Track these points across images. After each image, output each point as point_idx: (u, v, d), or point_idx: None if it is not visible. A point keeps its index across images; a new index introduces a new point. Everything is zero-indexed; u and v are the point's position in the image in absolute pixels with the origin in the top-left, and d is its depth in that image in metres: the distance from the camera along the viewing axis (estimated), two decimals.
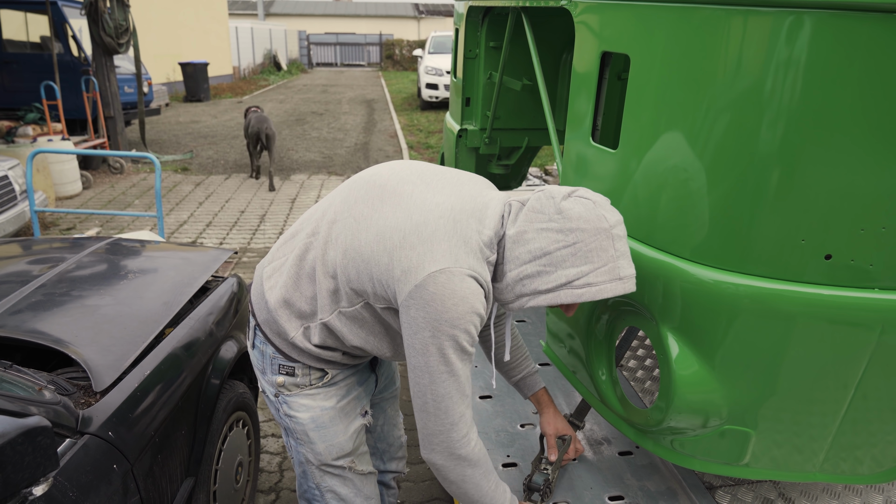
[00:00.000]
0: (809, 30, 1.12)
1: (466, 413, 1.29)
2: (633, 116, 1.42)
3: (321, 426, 1.47)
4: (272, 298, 1.42)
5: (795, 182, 1.20)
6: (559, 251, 1.20)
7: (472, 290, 1.19)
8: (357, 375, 1.56)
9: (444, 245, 1.21)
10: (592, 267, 1.19)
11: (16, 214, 5.05)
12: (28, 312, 1.80)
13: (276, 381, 1.47)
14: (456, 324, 1.19)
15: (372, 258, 1.26)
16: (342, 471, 1.54)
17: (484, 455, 1.36)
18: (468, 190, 1.34)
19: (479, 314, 1.21)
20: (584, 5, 1.57)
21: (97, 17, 7.54)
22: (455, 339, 1.20)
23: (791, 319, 1.30)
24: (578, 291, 1.19)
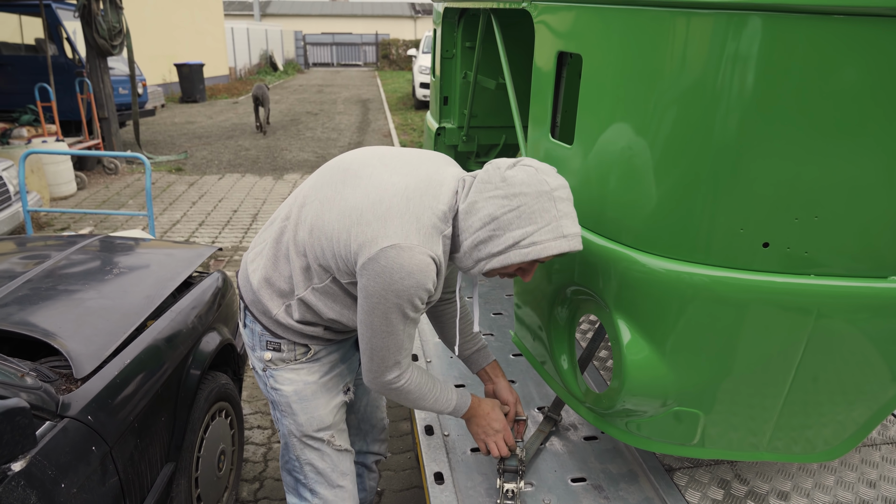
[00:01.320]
0: (746, 30, 1.19)
1: (402, 361, 1.44)
2: (586, 114, 1.50)
3: (303, 398, 1.58)
4: (255, 280, 1.55)
5: (732, 174, 1.27)
6: (505, 215, 1.29)
7: (419, 265, 1.30)
8: (340, 353, 1.67)
9: (396, 222, 1.31)
10: (536, 227, 1.29)
11: (10, 215, 5.12)
12: (14, 305, 1.87)
13: (264, 356, 1.58)
14: (401, 295, 1.31)
15: (334, 235, 1.37)
16: (321, 444, 1.64)
17: (417, 385, 1.50)
18: (425, 169, 1.44)
19: (426, 288, 1.32)
20: (542, 7, 1.64)
21: (90, 19, 7.61)
22: (399, 308, 1.33)
23: (733, 305, 1.37)
24: (525, 251, 1.29)
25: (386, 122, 12.96)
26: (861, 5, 1.11)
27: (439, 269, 1.36)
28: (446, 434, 1.96)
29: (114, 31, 7.90)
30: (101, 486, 1.47)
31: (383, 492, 2.59)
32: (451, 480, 1.76)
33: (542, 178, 1.31)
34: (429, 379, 1.55)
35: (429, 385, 1.54)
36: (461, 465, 1.83)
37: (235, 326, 2.64)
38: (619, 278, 1.47)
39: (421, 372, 1.54)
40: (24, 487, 1.24)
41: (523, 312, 1.93)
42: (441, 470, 1.80)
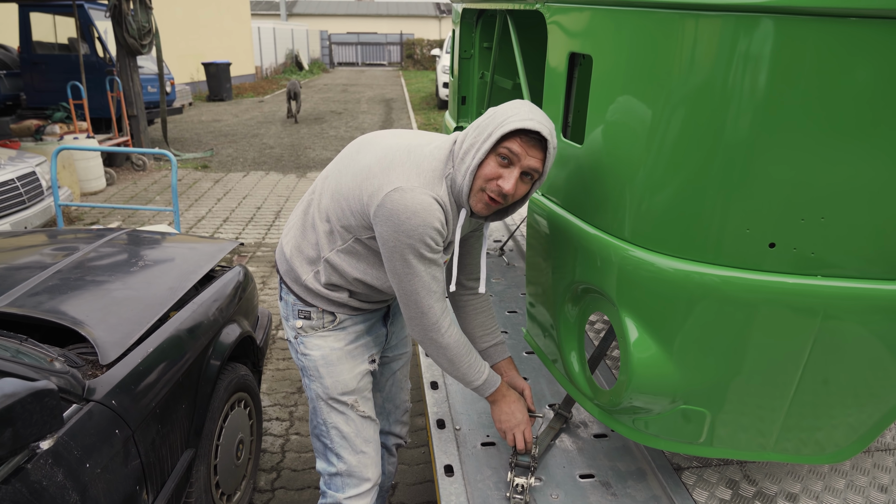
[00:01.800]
0: (756, 32, 1.21)
1: (435, 305, 1.52)
2: (596, 114, 1.52)
3: (329, 363, 1.70)
4: (287, 250, 1.70)
5: (738, 174, 1.29)
6: (484, 119, 1.46)
7: (421, 203, 1.41)
8: (366, 325, 1.78)
9: (398, 170, 1.45)
10: (507, 116, 1.41)
11: (43, 209, 5.28)
12: (45, 294, 1.95)
13: (296, 325, 1.72)
14: (411, 234, 1.42)
15: (350, 194, 1.51)
16: (346, 408, 1.74)
17: (456, 340, 1.58)
18: (432, 135, 1.60)
19: (433, 226, 1.43)
20: (554, 8, 1.67)
21: (121, 18, 7.79)
22: (413, 248, 1.43)
23: (740, 305, 1.38)
24: (496, 133, 1.40)
25: (409, 122, 13.04)
26: (871, 7, 1.12)
27: (444, 208, 1.47)
28: (458, 428, 1.99)
29: (143, 30, 8.08)
30: (123, 467, 1.53)
31: (397, 485, 2.64)
32: (460, 473, 1.80)
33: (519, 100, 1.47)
34: (467, 342, 1.63)
35: (466, 348, 1.62)
36: (471, 459, 1.87)
37: (255, 319, 2.71)
38: (627, 277, 1.49)
39: (461, 333, 1.62)
40: (52, 465, 1.31)
41: (535, 310, 1.96)
42: (451, 462, 1.83)
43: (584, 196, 1.60)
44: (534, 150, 1.43)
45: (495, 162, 1.43)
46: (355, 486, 1.77)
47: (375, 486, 1.81)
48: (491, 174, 1.44)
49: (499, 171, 1.44)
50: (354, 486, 1.77)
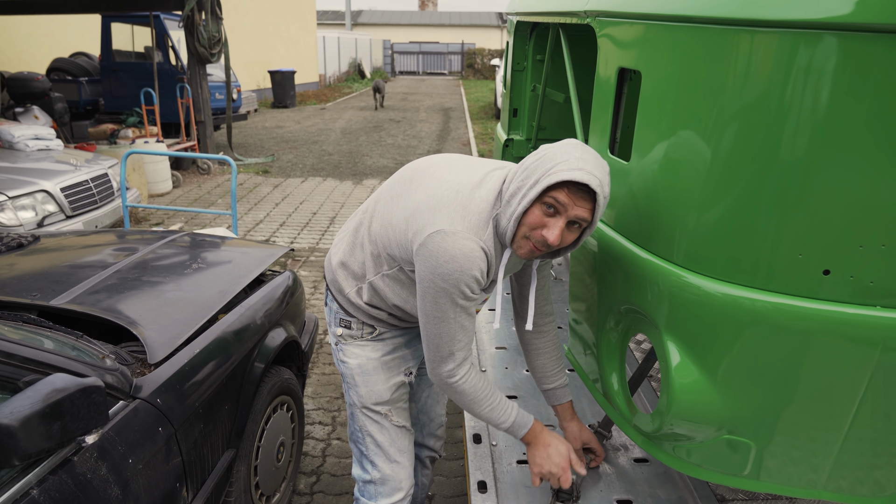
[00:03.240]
0: (815, 49, 1.16)
1: (456, 353, 1.50)
2: (644, 130, 1.48)
3: (365, 372, 1.73)
4: (334, 262, 1.74)
5: (791, 197, 1.23)
6: (533, 162, 1.40)
7: (462, 249, 1.39)
8: (405, 338, 1.79)
9: (444, 211, 1.43)
10: (556, 163, 1.35)
11: (113, 209, 5.56)
12: (103, 293, 2.04)
13: (336, 332, 1.76)
14: (447, 279, 1.39)
15: (398, 227, 1.51)
16: (380, 417, 1.76)
17: (472, 386, 1.54)
18: (486, 168, 1.55)
19: (471, 274, 1.40)
20: (604, 23, 1.64)
21: (193, 28, 8.14)
22: (447, 293, 1.41)
23: (790, 334, 1.32)
24: (543, 181, 1.34)
25: (466, 131, 13.09)
26: None
27: (488, 254, 1.44)
28: (494, 444, 1.97)
29: (213, 39, 8.41)
30: (165, 464, 1.58)
31: (434, 496, 2.63)
32: (493, 490, 1.77)
33: (576, 142, 1.42)
34: (488, 385, 1.59)
35: (487, 391, 1.58)
36: (506, 476, 1.84)
37: (302, 324, 2.76)
38: (671, 299, 1.44)
39: (481, 377, 1.59)
40: (97, 459, 1.36)
41: (577, 327, 1.92)
42: (485, 479, 1.81)
43: (629, 214, 1.56)
44: (582, 200, 1.36)
45: (540, 210, 1.37)
46: (388, 495, 1.78)
47: (408, 496, 1.81)
48: (535, 223, 1.38)
49: (544, 220, 1.38)
50: (387, 495, 1.78)
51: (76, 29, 11.96)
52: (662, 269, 1.45)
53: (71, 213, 5.08)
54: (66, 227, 5.00)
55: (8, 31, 10.70)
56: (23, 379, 1.28)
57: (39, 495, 1.22)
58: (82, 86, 9.88)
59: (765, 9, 1.21)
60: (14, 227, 4.68)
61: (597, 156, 1.40)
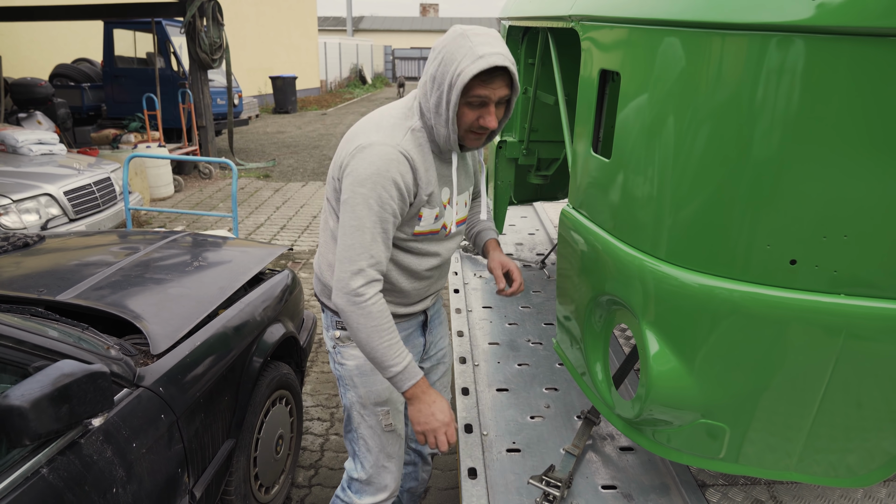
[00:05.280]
0: (780, 51, 1.23)
1: (368, 270, 1.50)
2: (623, 129, 1.56)
3: (364, 373, 1.73)
4: (317, 268, 1.77)
5: (759, 191, 1.30)
6: (437, 70, 1.48)
7: (380, 154, 1.47)
8: (402, 335, 1.75)
9: (361, 135, 1.53)
10: (457, 62, 1.43)
11: (115, 212, 5.64)
12: (108, 289, 2.11)
13: (334, 335, 1.76)
14: (365, 183, 1.46)
15: (332, 175, 1.61)
16: (375, 421, 1.78)
17: (379, 312, 1.51)
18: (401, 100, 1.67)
19: (388, 176, 1.47)
20: (587, 27, 1.72)
21: (194, 34, 8.24)
22: (364, 199, 1.46)
23: (761, 322, 1.38)
24: (456, 85, 1.43)
25: None
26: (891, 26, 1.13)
27: (409, 159, 1.50)
28: (485, 433, 2.04)
29: (214, 45, 8.52)
30: (167, 450, 1.65)
31: (429, 489, 2.69)
32: (483, 477, 1.84)
33: (458, 28, 1.49)
34: (391, 325, 1.54)
35: (388, 327, 1.53)
36: (495, 464, 1.91)
37: (301, 321, 2.83)
38: (650, 290, 1.51)
39: (387, 312, 1.54)
40: (102, 442, 1.43)
41: (564, 321, 1.99)
42: (475, 466, 1.88)
43: (610, 209, 1.63)
44: (498, 80, 1.46)
45: (469, 109, 1.49)
46: (372, 494, 1.83)
47: (392, 496, 1.86)
48: (472, 120, 1.50)
49: (477, 114, 1.49)
50: (371, 494, 1.83)
51: (79, 35, 12.07)
52: (641, 262, 1.52)
53: (74, 217, 5.16)
54: (68, 230, 5.08)
55: (11, 38, 10.81)
56: (33, 364, 1.35)
57: (49, 474, 1.29)
58: (85, 91, 9.99)
59: (734, 12, 1.28)
60: (18, 230, 4.76)
61: (483, 29, 1.49)
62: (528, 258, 3.52)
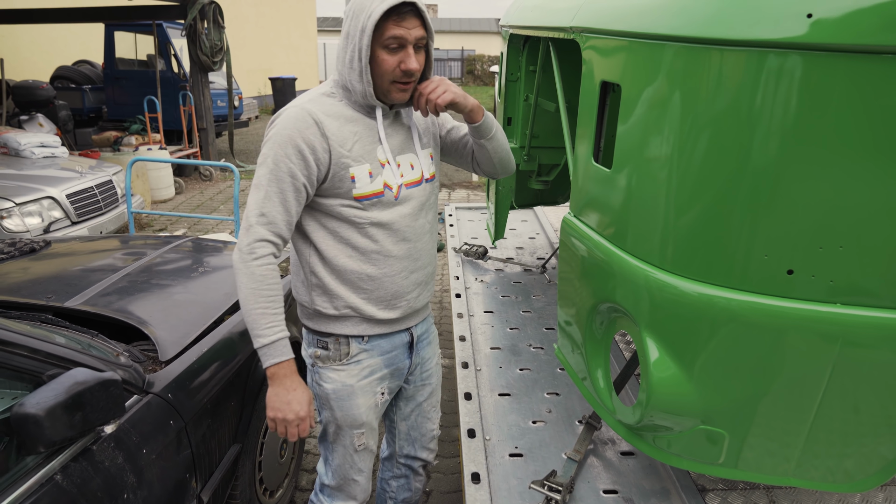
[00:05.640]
0: (776, 67, 1.26)
1: (257, 227, 1.48)
2: (623, 140, 1.59)
3: (340, 398, 1.71)
4: (291, 286, 1.76)
5: (754, 202, 1.33)
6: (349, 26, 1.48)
7: (287, 115, 1.49)
8: (384, 357, 1.76)
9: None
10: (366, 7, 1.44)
11: (117, 215, 5.66)
12: (115, 295, 2.14)
13: (314, 353, 1.74)
14: (269, 142, 1.49)
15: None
16: (349, 440, 1.77)
17: (262, 276, 1.49)
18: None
19: (287, 133, 1.47)
20: (588, 38, 1.75)
21: (195, 37, 8.26)
22: (265, 157, 1.49)
23: (759, 330, 1.41)
24: (369, 27, 1.43)
25: None
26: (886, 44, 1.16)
27: (312, 115, 1.49)
28: (488, 438, 2.07)
29: (215, 48, 8.54)
30: (176, 455, 1.68)
31: (431, 492, 2.72)
32: (487, 481, 1.87)
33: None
34: (273, 294, 1.51)
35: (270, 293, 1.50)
36: (498, 468, 1.94)
37: None
38: (650, 298, 1.54)
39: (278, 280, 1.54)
40: (114, 448, 1.46)
41: (565, 326, 2.02)
42: (478, 471, 1.91)
43: (611, 218, 1.66)
44: (410, 20, 1.46)
45: (386, 54, 1.47)
46: (342, 500, 1.85)
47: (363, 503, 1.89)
48: (391, 65, 1.48)
49: (396, 58, 1.48)
50: (341, 500, 1.85)
51: (79, 37, 12.09)
52: (642, 271, 1.55)
53: (76, 220, 5.19)
54: (71, 232, 5.11)
55: (11, 40, 10.83)
56: (46, 373, 1.38)
57: (62, 480, 1.32)
58: (86, 93, 10.01)
59: (731, 29, 1.31)
60: (21, 233, 4.78)
61: None
62: (529, 262, 3.55)
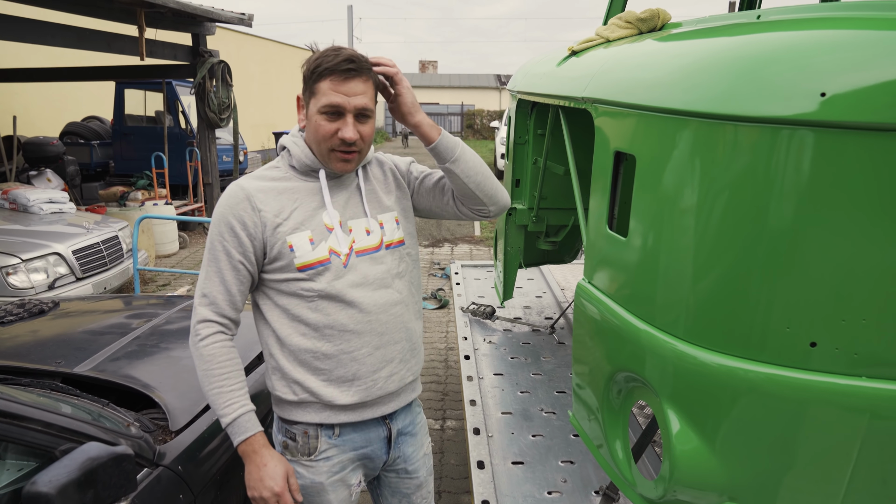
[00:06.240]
0: (791, 142, 1.28)
1: (200, 308, 1.46)
2: (638, 210, 1.60)
3: (310, 495, 1.57)
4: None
5: (775, 276, 1.33)
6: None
7: (223, 196, 1.48)
8: (356, 453, 1.60)
9: None
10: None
11: (121, 270, 5.67)
12: (124, 360, 2.12)
13: (282, 442, 1.59)
14: (213, 223, 1.48)
15: None
16: None
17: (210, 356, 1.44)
18: None
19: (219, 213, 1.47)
20: (601, 109, 1.79)
21: (204, 95, 8.45)
22: (210, 239, 1.47)
23: (784, 403, 1.39)
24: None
25: None
26: None
27: (243, 189, 1.47)
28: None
29: (223, 105, 8.72)
30: None
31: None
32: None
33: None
34: (233, 369, 1.46)
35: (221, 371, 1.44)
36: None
37: None
38: (670, 369, 1.52)
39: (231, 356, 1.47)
40: None
41: (581, 393, 1.99)
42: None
43: (628, 286, 1.66)
44: (350, 83, 1.41)
45: (326, 121, 1.43)
46: None
47: None
48: (328, 132, 1.44)
49: (333, 126, 1.43)
50: None
51: (90, 93, 12.38)
52: (660, 340, 1.54)
53: (81, 275, 5.19)
54: (76, 289, 5.09)
55: (24, 97, 11.08)
56: (59, 448, 1.35)
57: None
58: (94, 149, 10.17)
59: (745, 105, 1.34)
60: (26, 290, 4.77)
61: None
62: (537, 322, 3.53)
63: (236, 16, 8.69)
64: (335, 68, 1.39)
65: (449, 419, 3.80)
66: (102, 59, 8.96)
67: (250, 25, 9.10)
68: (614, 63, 1.88)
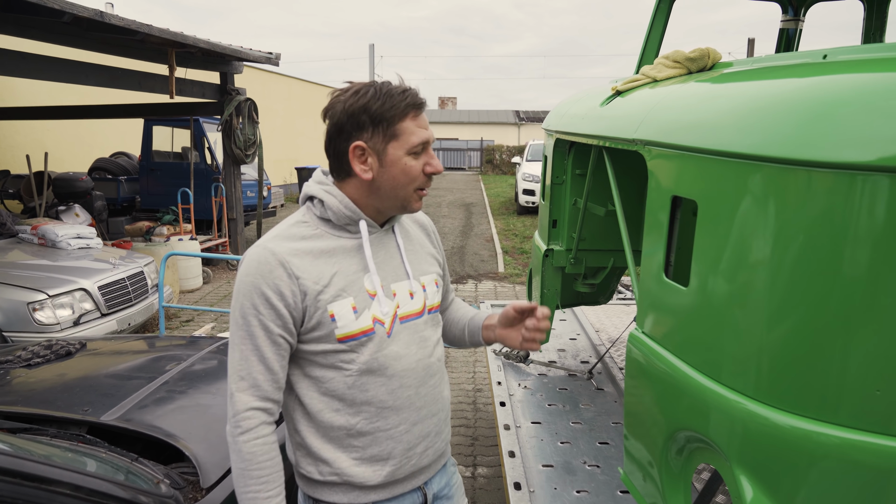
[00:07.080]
0: (868, 188, 1.19)
1: (238, 395, 1.27)
2: (702, 258, 1.51)
3: None
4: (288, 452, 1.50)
5: (860, 331, 1.22)
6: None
7: (254, 257, 1.27)
8: None
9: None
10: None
11: (146, 306, 5.65)
12: (152, 407, 2.04)
13: None
14: (240, 292, 1.27)
15: None
16: None
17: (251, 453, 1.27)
18: None
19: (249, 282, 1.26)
20: (656, 152, 1.70)
21: (230, 131, 8.56)
22: (241, 311, 1.26)
23: (870, 471, 1.27)
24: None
25: (489, 227, 13.29)
26: None
27: (276, 254, 1.27)
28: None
29: (249, 142, 8.82)
30: None
31: None
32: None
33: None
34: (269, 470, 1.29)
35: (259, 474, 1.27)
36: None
37: None
38: (740, 431, 1.41)
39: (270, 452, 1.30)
40: None
41: (633, 448, 1.87)
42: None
43: (690, 340, 1.55)
44: (423, 114, 1.33)
45: (412, 159, 1.31)
46: None
47: None
48: (418, 171, 1.32)
49: (422, 162, 1.32)
50: None
51: (118, 130, 12.65)
52: (729, 401, 1.42)
53: (106, 311, 5.18)
54: (101, 325, 5.07)
55: (55, 133, 11.34)
56: None
57: None
58: (121, 184, 10.32)
59: (818, 151, 1.25)
60: (51, 326, 4.75)
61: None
62: (573, 366, 3.40)
63: (264, 55, 8.85)
64: (416, 103, 1.30)
65: (480, 466, 3.65)
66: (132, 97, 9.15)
67: (277, 64, 9.25)
68: (669, 103, 1.80)
